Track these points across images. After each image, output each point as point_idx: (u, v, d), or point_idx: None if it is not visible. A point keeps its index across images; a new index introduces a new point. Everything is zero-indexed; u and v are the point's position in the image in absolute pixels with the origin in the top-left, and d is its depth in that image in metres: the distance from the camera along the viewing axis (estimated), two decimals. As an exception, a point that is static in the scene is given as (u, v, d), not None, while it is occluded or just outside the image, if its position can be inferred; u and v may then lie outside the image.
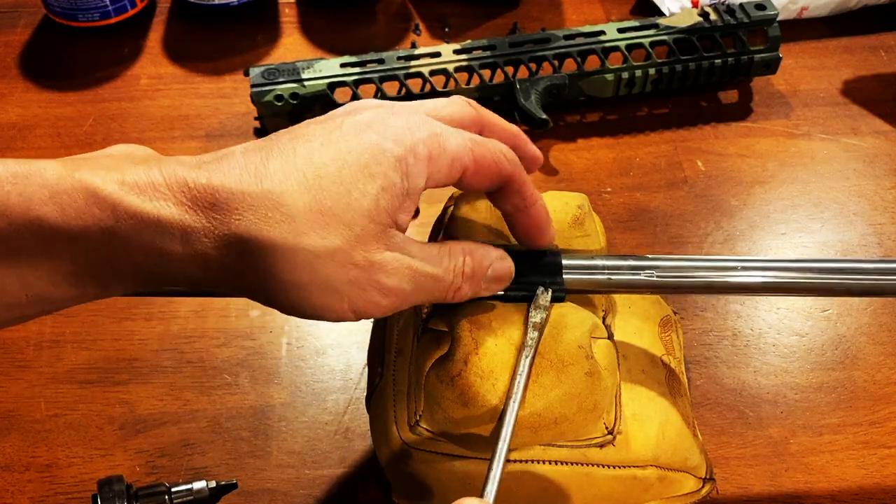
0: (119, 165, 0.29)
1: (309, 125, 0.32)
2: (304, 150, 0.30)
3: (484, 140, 0.33)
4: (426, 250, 0.32)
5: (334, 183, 0.29)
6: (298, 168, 0.29)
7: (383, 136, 0.30)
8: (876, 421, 0.50)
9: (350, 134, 0.30)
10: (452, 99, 0.35)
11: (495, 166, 0.33)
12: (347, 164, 0.29)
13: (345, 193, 0.29)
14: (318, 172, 0.29)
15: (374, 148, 0.30)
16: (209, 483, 0.46)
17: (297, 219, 0.29)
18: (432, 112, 0.34)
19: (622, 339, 0.42)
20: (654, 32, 0.64)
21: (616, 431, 0.38)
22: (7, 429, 0.49)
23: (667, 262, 0.37)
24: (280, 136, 0.31)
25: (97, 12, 0.70)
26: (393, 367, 0.41)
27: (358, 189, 0.29)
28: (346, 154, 0.30)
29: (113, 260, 0.29)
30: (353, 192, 0.29)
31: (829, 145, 0.64)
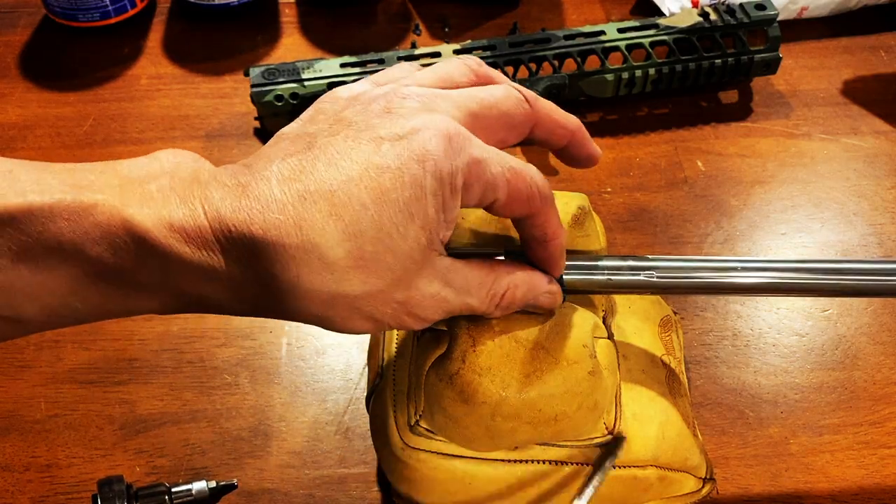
0: (166, 197, 0.28)
1: (342, 138, 0.29)
2: (342, 189, 0.28)
3: (522, 169, 0.31)
4: (470, 277, 0.32)
5: (373, 227, 0.28)
6: (337, 213, 0.28)
7: (422, 164, 0.29)
8: (876, 421, 0.50)
9: (387, 158, 0.28)
10: (503, 90, 0.33)
11: (527, 202, 0.32)
12: (387, 205, 0.28)
13: (385, 238, 0.28)
14: (357, 217, 0.28)
15: (413, 184, 0.28)
16: (209, 483, 0.46)
17: (337, 267, 0.28)
18: (474, 107, 0.32)
19: (622, 339, 0.42)
20: (654, 32, 0.64)
21: (616, 431, 0.38)
22: (7, 429, 0.49)
23: (667, 263, 0.37)
24: (315, 160, 0.29)
25: (97, 12, 0.70)
26: (393, 367, 0.41)
27: (398, 232, 0.29)
28: (384, 194, 0.28)
29: (160, 291, 0.30)
30: (394, 236, 0.29)
31: (829, 145, 0.64)
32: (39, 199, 0.27)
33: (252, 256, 0.28)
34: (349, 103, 0.32)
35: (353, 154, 0.29)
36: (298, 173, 0.28)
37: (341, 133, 0.30)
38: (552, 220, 0.33)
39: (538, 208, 0.32)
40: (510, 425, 0.35)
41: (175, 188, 0.28)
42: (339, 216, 0.28)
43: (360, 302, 0.29)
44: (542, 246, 0.34)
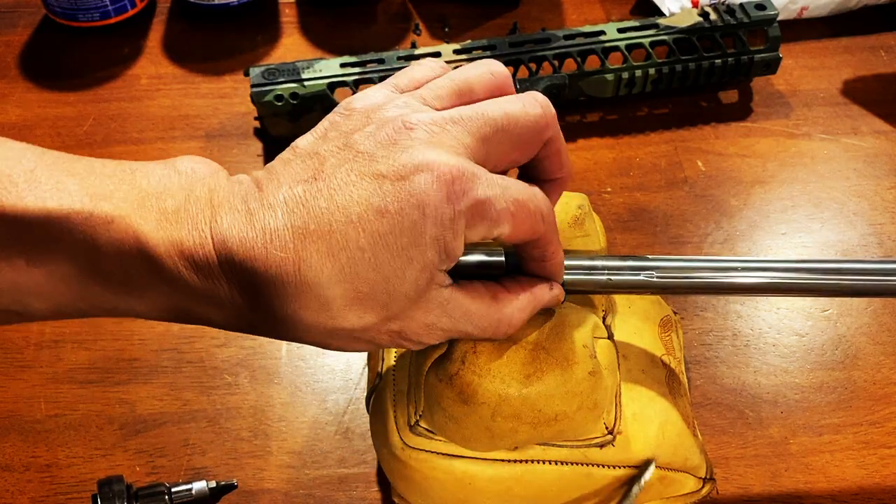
0: (180, 219, 0.29)
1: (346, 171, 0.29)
2: (341, 230, 0.28)
3: (527, 200, 0.31)
4: (471, 309, 0.32)
5: (371, 270, 0.29)
6: (334, 254, 0.28)
7: (422, 210, 0.28)
8: (876, 421, 0.50)
9: (388, 201, 0.28)
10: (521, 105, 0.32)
11: (530, 230, 0.32)
12: (384, 249, 0.29)
13: (382, 280, 0.29)
14: (353, 258, 0.28)
15: (412, 230, 0.29)
16: (209, 483, 0.46)
17: (334, 306, 0.29)
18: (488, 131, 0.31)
19: (622, 339, 0.42)
20: (654, 32, 0.64)
21: (616, 431, 0.38)
22: (7, 429, 0.49)
23: (667, 263, 0.37)
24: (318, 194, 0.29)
25: (97, 12, 0.70)
26: (393, 367, 0.41)
27: (396, 275, 0.29)
28: (383, 238, 0.28)
29: (165, 306, 0.30)
30: (391, 279, 0.29)
31: (829, 145, 0.64)
32: (58, 206, 0.28)
33: (253, 288, 0.29)
34: (361, 121, 0.31)
35: (353, 192, 0.29)
36: (301, 207, 0.29)
37: (346, 164, 0.30)
38: (553, 242, 0.33)
39: (541, 233, 0.32)
40: (510, 425, 0.35)
41: (189, 210, 0.29)
42: (336, 257, 0.28)
43: (357, 333, 0.30)
44: (540, 265, 0.34)
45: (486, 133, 0.31)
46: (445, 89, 0.33)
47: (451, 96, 0.32)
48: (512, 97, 0.33)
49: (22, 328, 0.53)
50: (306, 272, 0.28)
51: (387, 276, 0.29)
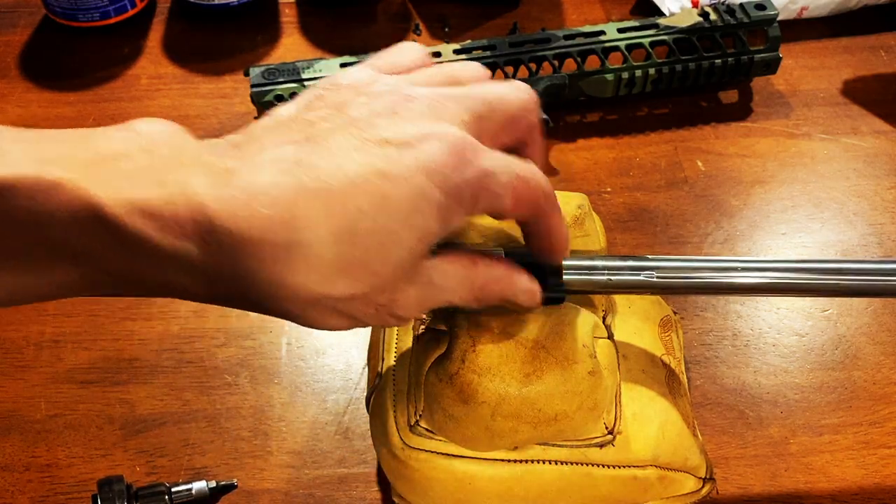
0: (142, 178, 0.26)
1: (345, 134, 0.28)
2: (341, 189, 0.26)
3: (529, 175, 0.31)
4: (451, 273, 0.31)
5: (369, 234, 0.27)
6: (332, 214, 0.26)
7: (430, 177, 0.27)
8: (876, 421, 0.50)
9: (393, 165, 0.27)
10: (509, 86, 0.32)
11: (532, 207, 0.31)
12: (386, 213, 0.27)
13: (378, 245, 0.27)
14: (352, 220, 0.27)
15: (417, 196, 0.27)
16: (209, 483, 0.46)
17: (323, 269, 0.27)
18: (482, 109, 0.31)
19: (622, 339, 0.42)
20: (654, 32, 0.64)
21: (616, 431, 0.38)
22: (7, 429, 0.49)
23: (667, 263, 0.37)
24: (313, 153, 0.27)
25: (97, 12, 0.70)
26: (393, 367, 0.41)
27: (393, 241, 0.27)
28: (385, 201, 0.27)
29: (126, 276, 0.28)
30: (388, 244, 0.27)
31: (829, 145, 0.64)
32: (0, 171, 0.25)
33: (231, 250, 0.26)
34: (351, 94, 0.30)
35: (355, 154, 0.27)
36: (294, 165, 0.27)
37: (343, 128, 0.28)
38: (554, 217, 0.33)
39: (543, 211, 0.32)
40: (510, 425, 0.35)
41: (153, 167, 0.26)
42: (333, 217, 0.26)
43: (342, 304, 0.28)
44: (545, 241, 0.34)
45: (479, 111, 0.31)
46: (435, 75, 0.32)
47: (440, 81, 0.32)
48: (498, 81, 0.33)
49: (22, 328, 0.53)
50: (298, 231, 0.26)
51: (384, 241, 0.27)
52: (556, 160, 0.63)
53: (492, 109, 0.31)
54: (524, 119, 0.33)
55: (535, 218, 0.32)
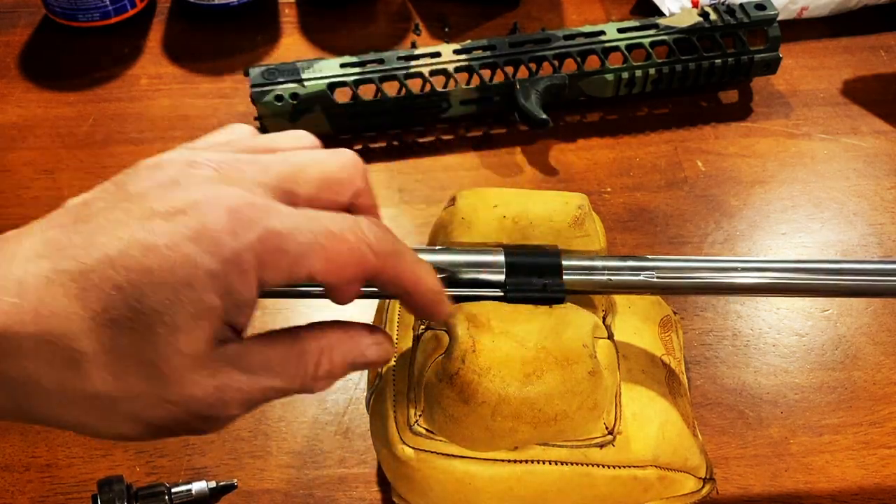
0: None
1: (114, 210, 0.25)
2: (97, 269, 0.23)
3: (345, 230, 0.26)
4: (270, 356, 0.27)
5: (131, 316, 0.23)
6: (86, 297, 0.23)
7: (199, 244, 0.24)
8: (876, 421, 0.50)
9: (156, 236, 0.24)
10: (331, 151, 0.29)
11: (356, 266, 0.27)
12: (149, 290, 0.23)
13: (145, 329, 0.24)
14: (111, 303, 0.23)
15: (183, 266, 0.24)
16: (209, 483, 0.46)
17: (84, 363, 0.23)
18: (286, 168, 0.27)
19: (622, 340, 0.42)
20: (654, 32, 0.64)
21: (616, 431, 0.38)
22: (7, 429, 0.49)
23: (667, 263, 0.37)
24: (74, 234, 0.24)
25: (97, 12, 0.70)
26: (393, 367, 0.41)
27: (164, 322, 0.24)
28: (147, 276, 0.23)
29: None
30: (157, 327, 0.24)
31: (829, 145, 0.64)
32: None
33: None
34: (144, 171, 0.26)
35: (117, 230, 0.24)
36: (53, 250, 0.24)
37: (115, 204, 0.25)
38: (404, 274, 0.28)
39: (376, 268, 0.27)
40: (510, 425, 0.35)
41: None
42: (88, 301, 0.23)
43: (122, 405, 0.24)
44: (407, 299, 0.30)
45: (285, 172, 0.27)
46: (247, 143, 0.29)
47: (251, 149, 0.29)
48: (321, 150, 0.30)
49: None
50: (49, 319, 0.23)
51: (151, 323, 0.24)
52: (556, 160, 0.63)
53: (300, 171, 0.28)
54: (346, 182, 0.29)
55: (371, 276, 0.28)
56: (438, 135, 0.65)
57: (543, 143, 0.64)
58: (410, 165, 0.63)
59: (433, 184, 0.62)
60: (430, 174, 0.62)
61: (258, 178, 0.26)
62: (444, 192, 0.61)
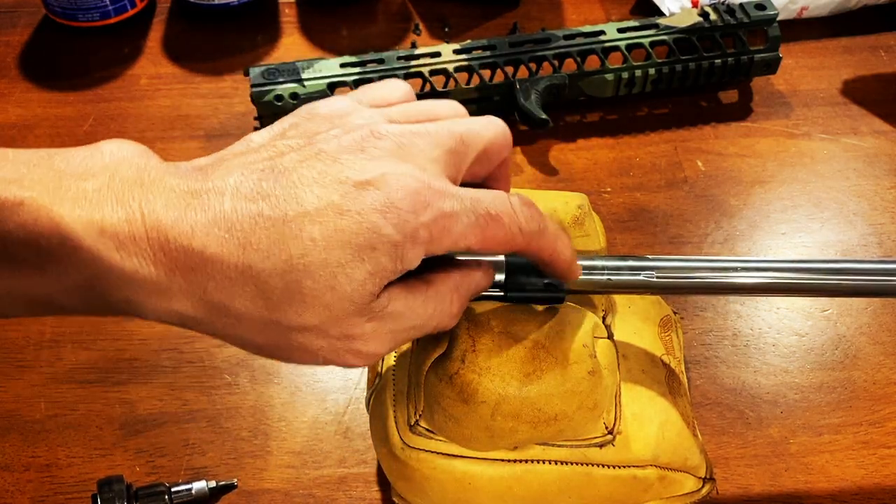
0: (103, 198, 0.27)
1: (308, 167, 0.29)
2: (297, 220, 0.27)
3: (500, 213, 0.31)
4: (412, 302, 0.31)
5: (320, 266, 0.27)
6: (285, 242, 0.27)
7: (384, 216, 0.28)
8: (876, 421, 0.50)
9: (350, 202, 0.28)
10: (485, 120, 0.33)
11: (507, 244, 0.31)
12: (338, 246, 0.27)
13: (329, 277, 0.28)
14: (304, 250, 0.27)
15: (370, 232, 0.28)
16: (209, 483, 0.46)
17: (274, 297, 0.28)
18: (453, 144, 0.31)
19: (622, 339, 0.42)
20: (654, 32, 0.64)
21: (616, 431, 0.38)
22: (7, 429, 0.49)
23: (667, 263, 0.37)
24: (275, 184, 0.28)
25: (97, 12, 0.70)
26: (393, 367, 0.41)
27: (345, 274, 0.28)
28: (338, 234, 0.27)
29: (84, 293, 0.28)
30: (339, 277, 0.28)
31: (829, 145, 0.64)
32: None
33: (188, 270, 0.27)
34: (325, 125, 0.31)
35: (315, 188, 0.28)
36: (255, 194, 0.28)
37: (308, 161, 0.29)
38: (545, 249, 0.33)
39: (524, 245, 0.32)
40: (510, 425, 0.35)
41: (114, 188, 0.27)
42: (285, 245, 0.27)
43: (293, 334, 0.29)
44: (547, 268, 0.34)
45: (451, 146, 0.31)
46: (412, 111, 0.33)
47: (415, 117, 0.32)
48: (475, 118, 0.33)
49: (22, 328, 0.53)
50: (252, 255, 0.27)
51: (334, 272, 0.28)
52: (556, 160, 0.63)
53: (464, 144, 0.31)
54: (496, 154, 0.33)
55: (524, 251, 0.32)
56: (438, 135, 0.65)
57: (543, 143, 0.64)
58: (410, 165, 0.63)
59: (433, 184, 0.62)
60: (430, 174, 0.62)
61: (430, 153, 0.30)
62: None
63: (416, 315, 0.31)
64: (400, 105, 0.33)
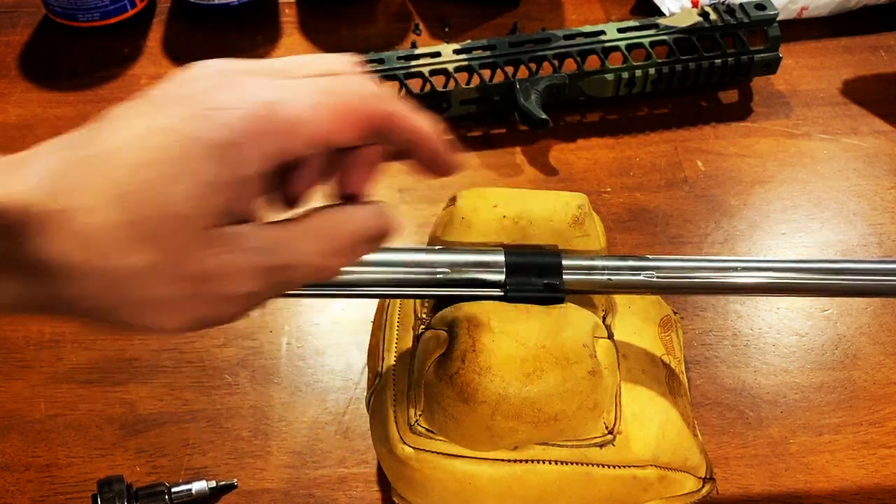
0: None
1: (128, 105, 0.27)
2: (113, 149, 0.25)
3: (340, 83, 0.27)
4: (274, 237, 0.27)
5: (143, 188, 0.24)
6: (104, 175, 0.25)
7: (195, 120, 0.25)
8: (876, 421, 0.50)
9: (161, 119, 0.26)
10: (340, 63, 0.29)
11: (363, 113, 0.27)
12: (158, 164, 0.25)
13: (155, 199, 0.25)
14: (125, 178, 0.25)
15: (182, 139, 0.25)
16: (209, 483, 0.46)
17: (99, 238, 0.24)
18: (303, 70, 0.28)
19: (622, 339, 0.42)
20: (654, 32, 0.64)
21: (616, 431, 0.38)
22: (7, 429, 0.49)
23: (667, 263, 0.37)
24: (100, 129, 0.27)
25: (97, 12, 0.70)
26: (393, 367, 0.41)
27: (169, 193, 0.25)
28: (153, 151, 0.25)
29: None
30: (164, 197, 0.25)
31: (829, 145, 0.64)
32: None
33: (8, 235, 0.24)
34: (214, 75, 0.28)
35: (138, 121, 0.26)
36: (78, 142, 0.26)
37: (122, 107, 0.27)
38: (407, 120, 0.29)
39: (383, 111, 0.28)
40: (510, 425, 0.35)
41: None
42: (105, 178, 0.25)
43: (136, 283, 0.25)
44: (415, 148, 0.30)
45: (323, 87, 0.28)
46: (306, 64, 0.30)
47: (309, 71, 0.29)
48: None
49: (22, 328, 0.53)
50: (68, 197, 0.24)
51: (163, 193, 0.25)
52: (556, 160, 0.63)
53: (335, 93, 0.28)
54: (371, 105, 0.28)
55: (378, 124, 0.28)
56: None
57: (543, 143, 0.64)
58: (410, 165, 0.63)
59: (433, 184, 0.62)
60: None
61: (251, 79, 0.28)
62: (444, 192, 0.60)
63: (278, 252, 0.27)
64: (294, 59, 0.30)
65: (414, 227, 0.59)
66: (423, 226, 0.59)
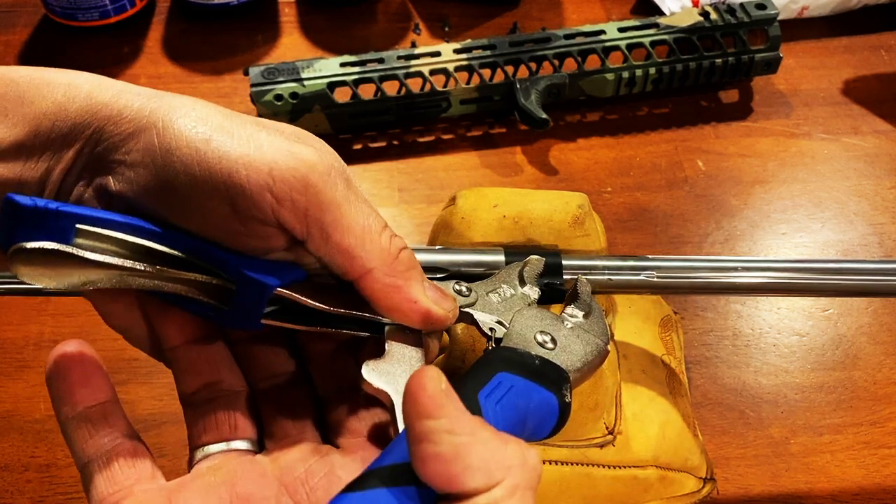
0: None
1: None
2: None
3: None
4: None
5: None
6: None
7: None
8: (876, 421, 0.50)
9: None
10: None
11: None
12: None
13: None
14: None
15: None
16: (209, 483, 0.46)
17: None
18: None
19: (622, 339, 0.42)
20: (654, 32, 0.64)
21: (616, 431, 0.38)
22: (7, 429, 0.49)
23: (667, 263, 0.37)
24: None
25: (97, 12, 0.70)
26: (393, 367, 0.41)
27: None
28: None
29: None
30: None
31: (830, 145, 0.64)
32: None
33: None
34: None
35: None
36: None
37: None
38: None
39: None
40: (510, 425, 0.35)
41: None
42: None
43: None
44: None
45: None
46: None
47: None
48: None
49: (22, 328, 0.53)
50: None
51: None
52: (556, 160, 0.63)
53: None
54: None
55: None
56: (438, 134, 0.65)
57: (543, 142, 0.64)
58: (410, 165, 0.63)
59: (433, 183, 0.62)
60: (430, 173, 0.62)
61: None
62: (444, 192, 0.61)
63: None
64: None
65: (414, 227, 0.59)
66: (422, 225, 0.59)
